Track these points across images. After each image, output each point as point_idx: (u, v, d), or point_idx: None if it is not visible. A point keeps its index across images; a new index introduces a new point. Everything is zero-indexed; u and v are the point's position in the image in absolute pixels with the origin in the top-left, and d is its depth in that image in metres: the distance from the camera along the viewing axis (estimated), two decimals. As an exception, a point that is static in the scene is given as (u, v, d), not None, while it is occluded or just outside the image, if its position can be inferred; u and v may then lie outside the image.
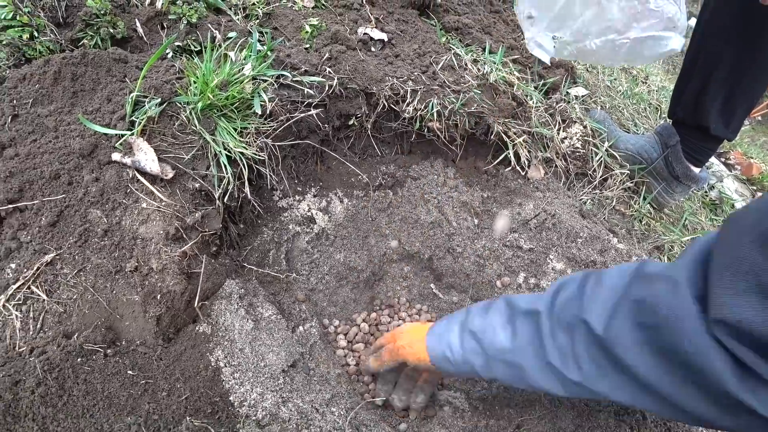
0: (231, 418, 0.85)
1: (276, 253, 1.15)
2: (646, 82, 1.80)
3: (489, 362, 0.77)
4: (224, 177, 0.96)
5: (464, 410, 1.06)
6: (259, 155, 0.97)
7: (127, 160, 0.89)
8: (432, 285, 1.27)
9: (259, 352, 0.96)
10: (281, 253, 1.15)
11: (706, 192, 1.52)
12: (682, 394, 0.54)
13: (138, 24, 1.07)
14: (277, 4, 1.24)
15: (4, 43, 0.97)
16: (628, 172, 1.32)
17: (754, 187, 1.66)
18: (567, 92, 1.40)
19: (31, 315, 0.78)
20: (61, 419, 0.72)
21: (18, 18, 0.99)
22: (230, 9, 1.18)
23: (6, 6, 0.98)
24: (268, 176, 1.01)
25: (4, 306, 0.78)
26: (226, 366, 0.90)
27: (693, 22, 1.22)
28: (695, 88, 1.18)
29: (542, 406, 0.99)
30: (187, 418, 0.78)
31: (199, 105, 0.93)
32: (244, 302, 1.00)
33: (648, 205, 1.32)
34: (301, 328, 1.09)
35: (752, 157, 1.82)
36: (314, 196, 1.21)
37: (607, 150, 1.32)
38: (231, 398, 0.87)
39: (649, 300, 0.56)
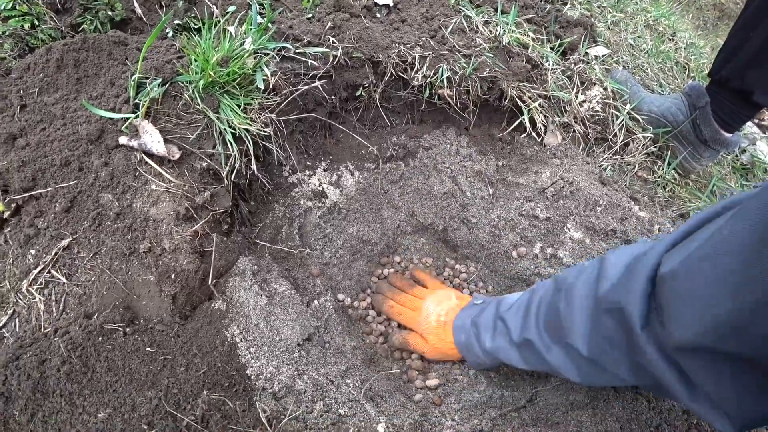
0: (248, 391, 0.88)
1: (289, 228, 1.15)
2: (673, 39, 1.67)
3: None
4: (231, 155, 0.96)
5: (479, 381, 1.06)
6: (264, 131, 0.96)
7: (134, 143, 0.90)
8: (448, 258, 1.26)
9: (274, 327, 0.98)
10: (294, 228, 1.16)
11: (736, 156, 1.43)
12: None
13: (136, 4, 1.05)
14: (278, -27, 1.20)
15: (6, 34, 0.98)
16: (652, 136, 1.25)
17: None
18: (586, 52, 1.32)
19: (53, 298, 0.82)
20: (87, 394, 0.76)
21: (18, 8, 0.99)
22: (230, -19, 1.15)
23: (6, -6, 0.98)
24: (275, 152, 1.01)
25: (27, 290, 0.81)
26: (242, 341, 0.92)
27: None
28: (756, 46, 1.04)
29: (556, 377, 0.99)
30: (205, 392, 0.81)
31: (201, 83, 0.92)
32: (258, 278, 1.02)
33: (672, 171, 1.25)
34: (316, 302, 1.11)
35: None
36: (325, 170, 1.20)
37: (629, 113, 1.25)
38: (248, 372, 0.89)
39: (610, 325, 0.60)
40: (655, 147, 1.25)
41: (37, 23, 0.97)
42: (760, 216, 0.40)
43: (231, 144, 0.95)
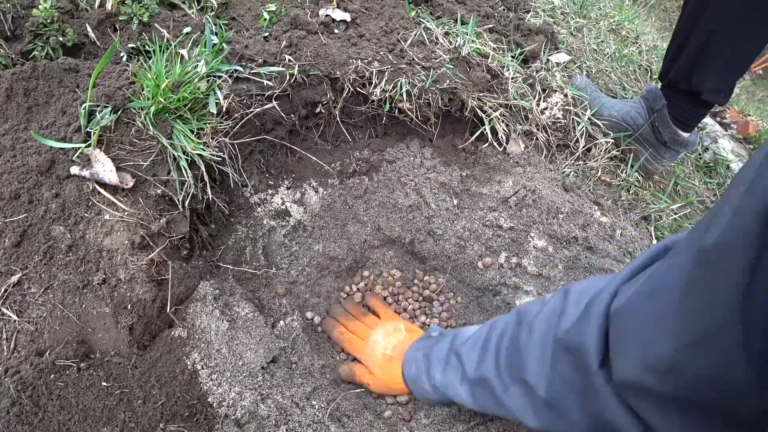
0: (209, 420, 0.87)
1: (253, 249, 1.15)
2: (636, 42, 1.69)
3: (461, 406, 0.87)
4: (186, 180, 0.95)
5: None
6: (218, 155, 0.95)
7: (86, 173, 0.89)
8: (417, 270, 1.26)
9: (237, 351, 0.97)
10: (258, 248, 1.15)
11: (700, 154, 1.45)
12: None
13: (89, 28, 1.04)
14: (234, -9, 1.19)
15: (-47, 61, 0.96)
16: (613, 140, 1.26)
17: (751, 146, 1.57)
18: (548, 59, 1.33)
19: (4, 336, 0.80)
20: (39, 434, 0.75)
21: (-34, 33, 0.98)
22: (184, 2, 1.14)
23: (-47, 22, 0.97)
24: (231, 175, 1.00)
25: (-24, 328, 0.80)
26: (203, 368, 0.91)
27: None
28: (695, 47, 1.06)
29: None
30: (161, 425, 0.80)
31: (152, 109, 0.91)
32: (219, 303, 1.01)
33: (636, 174, 1.27)
34: (282, 322, 1.10)
35: (749, 115, 1.71)
36: (287, 188, 1.19)
37: (589, 119, 1.26)
38: (209, 399, 0.89)
39: (568, 365, 0.58)
40: (618, 151, 1.26)
41: (-17, 52, 0.96)
42: (689, 256, 0.40)
43: (185, 170, 0.94)
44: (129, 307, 0.87)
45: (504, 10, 1.42)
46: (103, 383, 0.81)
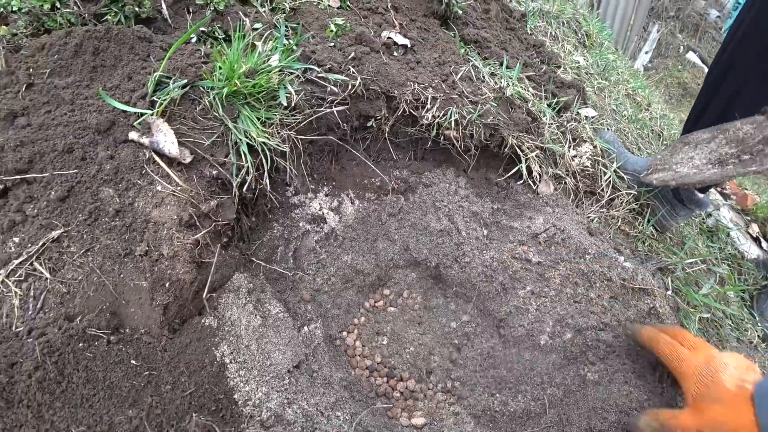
0: (235, 417, 0.81)
1: (284, 250, 1.11)
2: (648, 109, 1.86)
3: None
4: (243, 166, 0.93)
5: (465, 421, 1.04)
6: (282, 147, 0.94)
7: (145, 140, 0.86)
8: (439, 294, 1.25)
9: (266, 350, 0.92)
10: (289, 250, 1.12)
11: (703, 219, 1.56)
12: None
13: (164, 6, 1.04)
14: (303, 0, 1.23)
15: (23, 11, 0.93)
16: (635, 193, 1.34)
17: (749, 218, 1.71)
18: (578, 112, 1.43)
19: (32, 293, 0.73)
20: (58, 408, 0.67)
21: (39, -13, 0.96)
22: (257, 1, 1.16)
23: (27, -26, 0.94)
24: (288, 169, 0.99)
25: (3, 282, 0.73)
26: (231, 362, 0.86)
27: (691, 55, 1.24)
28: (715, 113, 1.18)
29: (548, 419, 0.98)
30: (193, 415, 0.74)
31: (225, 91, 0.91)
32: (252, 297, 0.97)
33: (651, 228, 1.34)
34: (306, 328, 1.06)
35: (746, 189, 1.88)
36: (326, 195, 1.18)
37: (615, 170, 1.34)
38: (235, 396, 0.82)
39: None
40: (637, 204, 1.34)
41: (58, 6, 0.93)
42: None
43: (245, 155, 0.92)
44: (167, 285, 0.82)
45: (539, 62, 1.53)
46: (132, 361, 0.74)
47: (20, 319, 0.72)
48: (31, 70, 0.86)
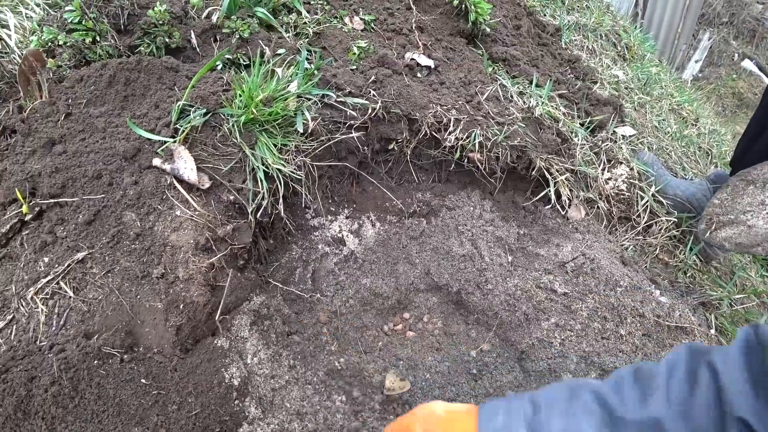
0: (239, 441, 0.82)
1: (303, 271, 1.13)
2: (696, 124, 1.72)
3: None
4: (259, 192, 0.95)
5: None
6: (297, 173, 0.96)
7: (167, 167, 0.90)
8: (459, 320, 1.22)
9: (276, 374, 0.93)
10: (308, 272, 1.13)
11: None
12: None
13: (193, 35, 1.10)
14: (327, 24, 1.25)
15: (68, 44, 1.01)
16: (675, 219, 1.24)
17: None
18: (614, 131, 1.35)
19: (56, 311, 0.79)
20: (70, 421, 0.71)
21: (84, 23, 1.04)
22: (281, 26, 1.20)
23: (74, 11, 1.03)
24: (304, 195, 1.00)
25: (32, 298, 0.78)
26: (240, 385, 0.87)
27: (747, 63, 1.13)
28: (762, 149, 1.09)
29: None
30: (195, 437, 0.75)
31: (242, 118, 0.94)
32: (266, 322, 0.98)
33: (694, 257, 1.24)
34: (322, 351, 1.06)
35: None
36: (347, 217, 1.19)
37: (653, 195, 1.25)
38: (241, 426, 0.84)
39: None
40: (678, 231, 1.24)
41: (98, 39, 1.01)
42: None
43: (262, 181, 0.95)
44: (181, 306, 0.85)
45: (573, 78, 1.47)
46: (143, 380, 0.78)
47: (44, 334, 0.77)
48: (70, 100, 0.93)
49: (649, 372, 0.61)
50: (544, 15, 1.75)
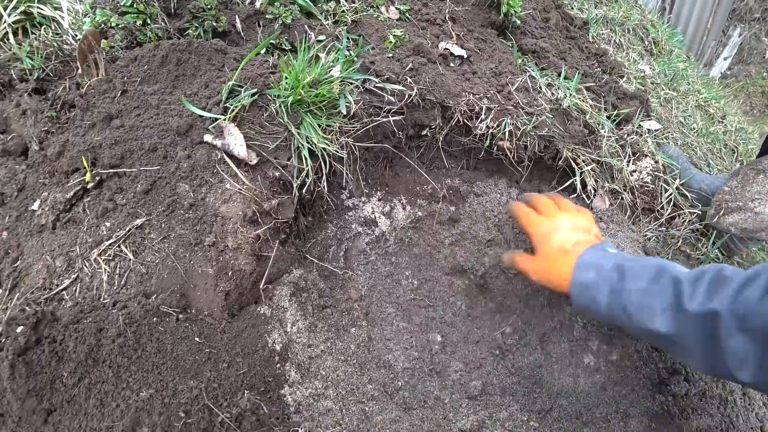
0: (281, 400, 0.87)
1: (336, 249, 1.18)
2: (722, 121, 1.74)
3: (638, 334, 0.79)
4: (304, 169, 1.00)
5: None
6: (340, 153, 1.01)
7: (218, 142, 0.95)
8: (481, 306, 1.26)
9: (313, 343, 0.98)
10: (341, 250, 1.18)
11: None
12: None
13: (238, 20, 1.15)
14: (364, 13, 1.30)
15: (120, 26, 1.07)
16: (699, 212, 1.27)
17: None
18: (640, 125, 1.38)
19: (118, 271, 0.84)
20: (133, 371, 0.77)
21: (135, 5, 1.09)
22: (321, 14, 1.25)
23: (127, -6, 1.08)
24: (345, 174, 1.05)
25: (95, 260, 0.84)
26: (282, 351, 0.93)
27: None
28: None
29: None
30: (245, 392, 0.81)
31: (290, 99, 0.99)
32: (305, 293, 1.03)
33: (716, 250, 1.27)
34: (353, 327, 1.11)
35: None
36: (379, 199, 1.23)
37: (678, 188, 1.28)
38: (283, 388, 0.89)
39: None
40: (701, 225, 1.27)
41: (149, 22, 1.06)
42: None
43: (306, 159, 1.00)
44: (230, 273, 0.90)
45: (600, 71, 1.50)
46: (196, 338, 0.83)
47: (107, 292, 0.83)
48: (125, 78, 0.98)
49: (732, 273, 0.68)
50: (572, 8, 1.78)
